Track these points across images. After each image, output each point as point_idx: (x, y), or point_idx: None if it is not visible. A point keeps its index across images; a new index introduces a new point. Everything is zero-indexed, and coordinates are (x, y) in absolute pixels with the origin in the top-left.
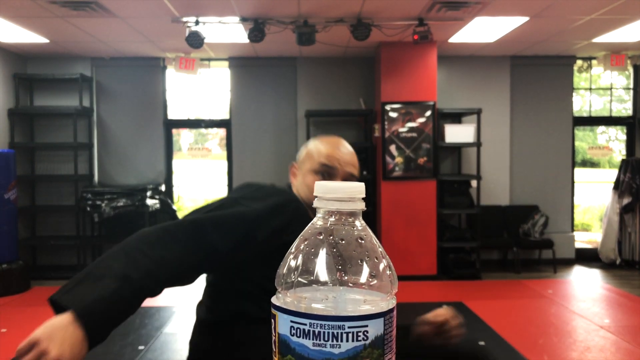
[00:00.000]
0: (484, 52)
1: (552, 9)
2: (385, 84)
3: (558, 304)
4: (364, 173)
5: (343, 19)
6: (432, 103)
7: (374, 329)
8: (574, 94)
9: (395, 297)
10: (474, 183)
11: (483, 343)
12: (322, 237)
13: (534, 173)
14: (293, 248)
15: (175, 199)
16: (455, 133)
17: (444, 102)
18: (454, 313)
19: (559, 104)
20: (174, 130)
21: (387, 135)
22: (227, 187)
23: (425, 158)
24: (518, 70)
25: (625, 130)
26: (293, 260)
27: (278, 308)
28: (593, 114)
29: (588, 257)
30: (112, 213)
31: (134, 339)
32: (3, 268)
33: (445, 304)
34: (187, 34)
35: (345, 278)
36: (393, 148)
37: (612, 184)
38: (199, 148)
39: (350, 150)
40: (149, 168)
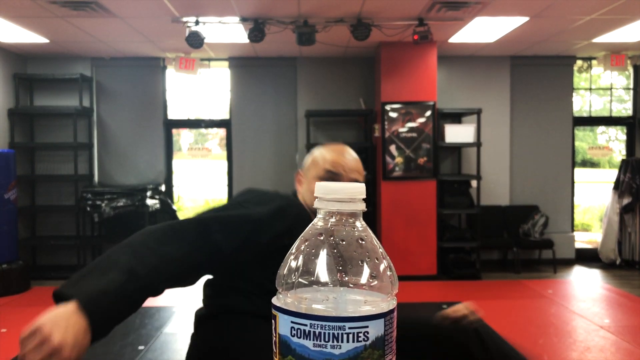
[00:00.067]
0: (484, 52)
1: (552, 9)
2: (385, 84)
3: (558, 304)
4: (365, 174)
5: (343, 19)
6: (432, 103)
7: (375, 330)
8: (574, 94)
9: (396, 297)
10: (474, 183)
11: None
12: (322, 237)
13: (534, 173)
14: (294, 249)
15: (175, 199)
16: (455, 133)
17: (444, 102)
18: (473, 309)
19: (559, 104)
20: (174, 130)
21: (387, 135)
22: (227, 187)
23: (425, 158)
24: (518, 70)
25: (625, 131)
26: (294, 261)
27: (278, 309)
28: (593, 114)
29: (588, 257)
30: (112, 213)
31: (134, 339)
32: (3, 268)
33: (446, 304)
34: (187, 34)
35: (346, 279)
36: (393, 148)
37: (612, 184)
38: (199, 148)
39: (355, 157)
40: (149, 168)
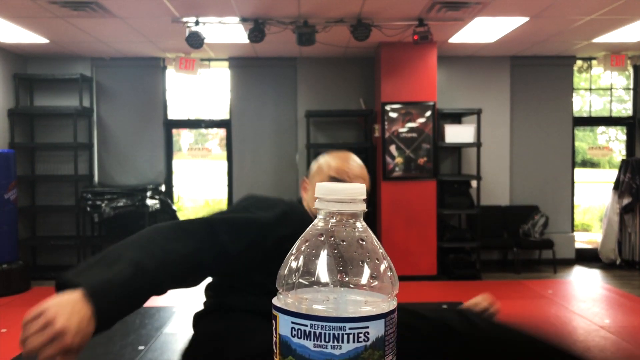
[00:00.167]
0: (484, 52)
1: (552, 9)
2: (385, 84)
3: (558, 304)
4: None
5: (343, 19)
6: (432, 103)
7: (375, 330)
8: (574, 94)
9: (396, 298)
10: (474, 183)
11: None
12: (323, 238)
13: (534, 173)
14: (294, 249)
15: (175, 199)
16: (455, 133)
17: (444, 102)
18: (492, 300)
19: (559, 104)
20: (174, 131)
21: (387, 136)
22: (227, 187)
23: (425, 158)
24: (518, 71)
25: (625, 131)
26: (294, 262)
27: (279, 309)
28: (593, 114)
29: (588, 257)
30: (112, 213)
31: (134, 339)
32: (3, 268)
33: (446, 305)
34: (187, 34)
35: (346, 279)
36: (393, 148)
37: (612, 184)
38: (199, 148)
39: (360, 164)
40: (149, 168)
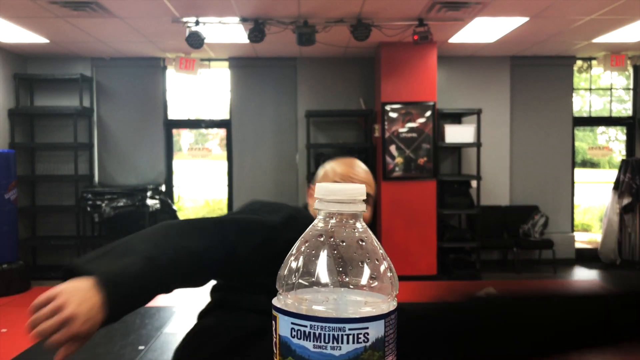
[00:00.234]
0: (484, 52)
1: (552, 9)
2: (385, 84)
3: None
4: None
5: (343, 19)
6: (432, 103)
7: (375, 331)
8: (574, 95)
9: (396, 299)
10: (474, 183)
11: None
12: (322, 239)
13: (534, 173)
14: (294, 250)
15: (176, 199)
16: (455, 133)
17: (444, 102)
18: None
19: (559, 104)
20: (174, 131)
21: (387, 136)
22: (227, 187)
23: (425, 158)
24: (518, 71)
25: (625, 131)
26: (294, 262)
27: (279, 310)
28: (593, 115)
29: (588, 257)
30: (112, 213)
31: (134, 339)
32: (3, 268)
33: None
34: (187, 34)
35: (346, 280)
36: (393, 148)
37: (612, 184)
38: (199, 148)
39: (365, 169)
40: (149, 168)
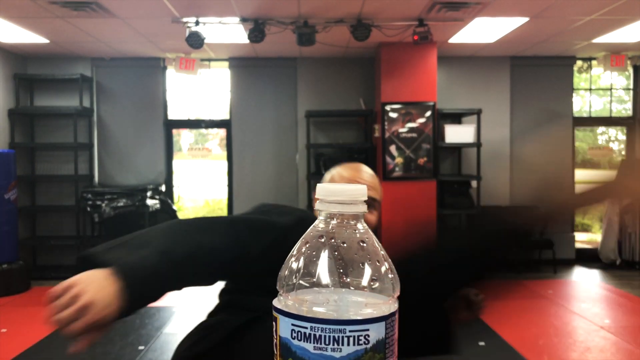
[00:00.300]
0: (484, 52)
1: (552, 10)
2: (385, 85)
3: (558, 305)
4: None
5: (343, 20)
6: (432, 103)
7: (376, 333)
8: (574, 95)
9: (398, 300)
10: (474, 183)
11: (483, 343)
12: (323, 240)
13: (534, 173)
14: (294, 251)
15: (176, 199)
16: (455, 133)
17: (444, 102)
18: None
19: (559, 105)
20: (174, 131)
21: (387, 136)
22: (227, 187)
23: (425, 158)
24: (518, 71)
25: (625, 131)
26: (294, 263)
27: (279, 311)
28: (593, 115)
29: (588, 257)
30: (112, 213)
31: (134, 339)
32: (3, 268)
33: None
34: (187, 35)
35: (347, 281)
36: (393, 148)
37: None
38: (199, 148)
39: (371, 174)
40: (149, 168)
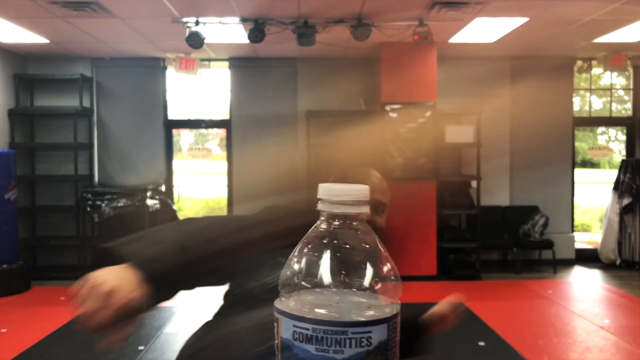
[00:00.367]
0: (484, 52)
1: (552, 10)
2: (385, 84)
3: (558, 305)
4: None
5: (343, 20)
6: (432, 103)
7: (378, 335)
8: (574, 95)
9: (400, 301)
10: (474, 183)
11: (483, 344)
12: (326, 241)
13: (534, 174)
14: (296, 251)
15: (176, 199)
16: (455, 133)
17: (444, 102)
18: (456, 303)
19: (559, 105)
20: (174, 131)
21: (387, 136)
22: (227, 187)
23: (425, 158)
24: (518, 71)
25: (625, 131)
26: (296, 264)
27: (281, 312)
28: (593, 115)
29: (588, 257)
30: (112, 213)
31: (134, 339)
32: (3, 268)
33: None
34: (187, 35)
35: (349, 282)
36: (393, 148)
37: (612, 185)
38: (199, 148)
39: (379, 177)
40: (149, 168)
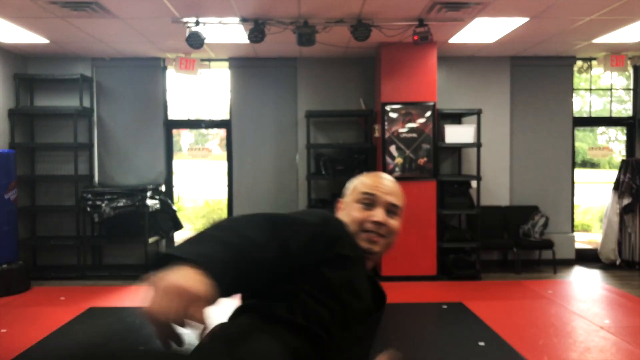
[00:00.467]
0: (484, 52)
1: (552, 10)
2: (385, 85)
3: (558, 305)
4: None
5: (343, 20)
6: (432, 103)
7: None
8: (574, 95)
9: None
10: (474, 184)
11: (483, 344)
12: None
13: (534, 174)
14: None
15: (176, 199)
16: (455, 133)
17: (444, 102)
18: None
19: (559, 105)
20: (174, 131)
21: (387, 136)
22: (227, 187)
23: (425, 158)
24: (518, 71)
25: (625, 131)
26: None
27: None
28: (593, 115)
29: (588, 257)
30: (112, 213)
31: (134, 339)
32: (3, 268)
33: (446, 305)
34: (187, 35)
35: None
36: (393, 149)
37: (612, 185)
38: (199, 148)
39: (393, 181)
40: (149, 168)
